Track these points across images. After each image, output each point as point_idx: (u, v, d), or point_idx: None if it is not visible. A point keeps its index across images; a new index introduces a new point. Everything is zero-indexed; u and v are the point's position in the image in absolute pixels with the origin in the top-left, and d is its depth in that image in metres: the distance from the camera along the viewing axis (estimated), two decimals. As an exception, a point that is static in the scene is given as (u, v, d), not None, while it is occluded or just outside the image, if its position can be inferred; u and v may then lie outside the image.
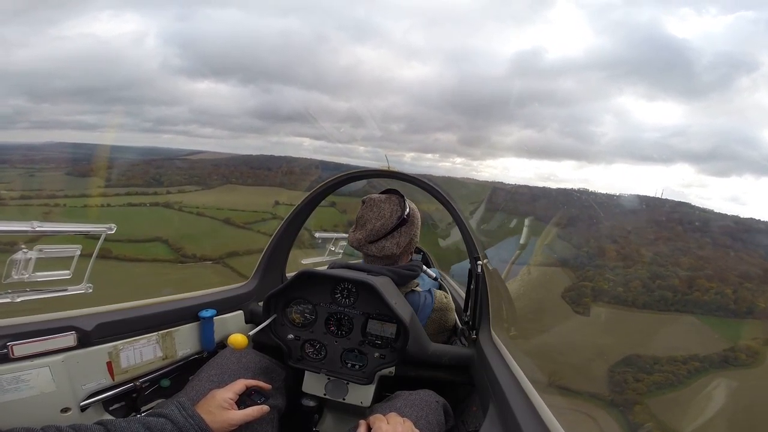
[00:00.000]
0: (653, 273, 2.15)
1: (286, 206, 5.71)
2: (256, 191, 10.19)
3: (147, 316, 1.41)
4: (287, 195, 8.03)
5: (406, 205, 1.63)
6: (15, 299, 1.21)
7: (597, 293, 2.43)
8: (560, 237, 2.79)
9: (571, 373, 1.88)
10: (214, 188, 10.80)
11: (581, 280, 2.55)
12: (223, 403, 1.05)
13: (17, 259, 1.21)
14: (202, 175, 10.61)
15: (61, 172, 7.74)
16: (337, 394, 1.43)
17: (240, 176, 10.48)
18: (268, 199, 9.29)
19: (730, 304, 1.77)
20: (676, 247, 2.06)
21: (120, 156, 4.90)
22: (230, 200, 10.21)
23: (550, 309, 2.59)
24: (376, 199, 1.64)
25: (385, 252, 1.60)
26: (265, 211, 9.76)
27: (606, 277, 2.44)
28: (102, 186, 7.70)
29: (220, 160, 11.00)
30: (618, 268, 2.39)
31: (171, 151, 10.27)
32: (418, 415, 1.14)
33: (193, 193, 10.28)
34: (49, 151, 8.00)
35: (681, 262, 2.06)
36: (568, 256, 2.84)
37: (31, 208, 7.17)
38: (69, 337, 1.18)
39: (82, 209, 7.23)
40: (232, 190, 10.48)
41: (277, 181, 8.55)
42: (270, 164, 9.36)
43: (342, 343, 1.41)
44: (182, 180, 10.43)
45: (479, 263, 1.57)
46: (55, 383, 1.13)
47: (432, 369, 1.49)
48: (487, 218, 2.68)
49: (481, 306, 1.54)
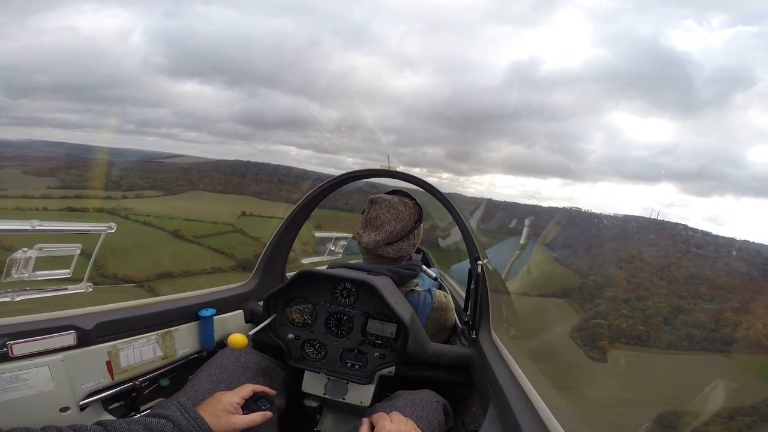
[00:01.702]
0: (674, 306, 1.83)
1: (254, 218, 5.54)
2: (223, 199, 9.14)
3: (146, 316, 1.41)
4: (259, 205, 7.21)
5: (420, 207, 1.66)
6: (15, 298, 1.21)
7: (615, 334, 2.00)
8: (558, 261, 2.50)
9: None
10: (178, 194, 9.51)
11: (593, 317, 2.13)
12: (229, 407, 1.05)
13: (17, 258, 1.21)
14: (169, 179, 9.34)
15: (18, 171, 6.92)
16: (336, 393, 1.43)
17: (210, 182, 9.26)
18: (235, 208, 8.39)
19: (763, 341, 1.54)
20: (690, 275, 1.81)
21: (90, 157, 4.35)
22: (190, 208, 9.12)
23: (557, 355, 2.12)
24: (390, 200, 1.61)
25: (402, 253, 1.61)
26: (226, 223, 8.75)
27: (622, 313, 2.02)
28: (53, 187, 6.97)
29: (193, 164, 9.75)
30: (632, 300, 2.04)
31: (150, 153, 9.08)
32: (419, 414, 1.14)
33: (152, 199, 9.04)
34: (26, 149, 7.21)
35: (701, 293, 1.76)
36: (573, 286, 2.41)
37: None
38: (68, 336, 1.17)
39: (13, 211, 6.25)
40: (196, 197, 9.29)
41: (250, 190, 7.95)
42: (245, 171, 8.46)
43: (342, 342, 1.40)
44: (144, 184, 9.07)
45: (479, 263, 1.57)
46: (55, 382, 1.13)
47: (432, 369, 1.49)
48: (486, 219, 2.55)
49: (481, 306, 1.54)
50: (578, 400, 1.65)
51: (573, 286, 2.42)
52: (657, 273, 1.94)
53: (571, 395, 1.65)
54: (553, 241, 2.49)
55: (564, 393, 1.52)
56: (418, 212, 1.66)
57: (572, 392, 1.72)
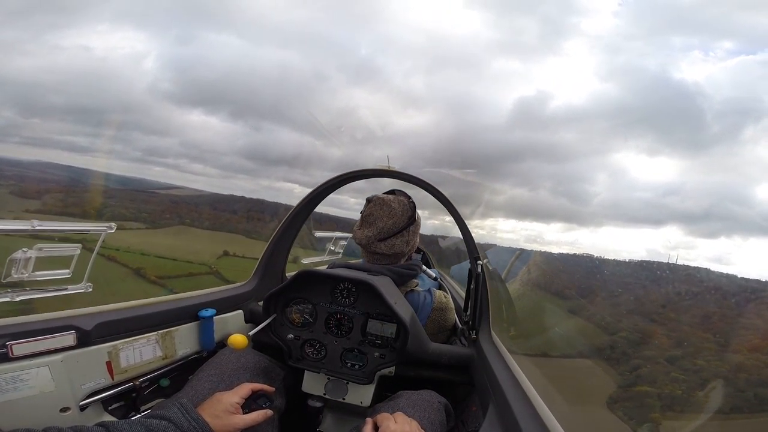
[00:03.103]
0: (731, 363, 1.52)
1: (237, 259, 5.34)
2: (209, 236, 8.34)
3: (146, 316, 1.41)
4: (245, 245, 6.59)
5: (415, 205, 1.67)
6: (14, 298, 1.21)
7: (666, 402, 1.62)
8: (573, 314, 2.11)
9: None
10: (162, 228, 8.62)
11: (635, 383, 1.74)
12: (230, 407, 1.05)
13: (17, 258, 1.21)
14: (155, 212, 8.55)
15: (7, 191, 6.51)
16: (336, 393, 1.43)
17: (198, 217, 8.44)
18: (218, 247, 7.62)
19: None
20: (738, 325, 1.53)
21: (87, 182, 3.87)
22: (170, 244, 8.22)
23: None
24: (385, 198, 1.65)
25: (395, 250, 1.61)
26: (203, 263, 7.78)
27: (672, 377, 1.63)
28: (31, 210, 6.42)
29: (185, 197, 8.95)
30: (678, 359, 1.67)
31: (150, 183, 8.32)
32: (421, 415, 1.15)
33: (131, 232, 8.19)
34: (30, 169, 6.65)
35: (757, 345, 1.47)
36: (602, 344, 1.99)
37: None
38: (68, 336, 1.17)
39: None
40: (181, 232, 8.44)
41: (239, 228, 7.37)
42: (237, 207, 7.78)
43: (342, 342, 1.40)
44: (128, 215, 8.31)
45: (479, 263, 1.57)
46: (55, 383, 1.13)
47: (432, 369, 1.49)
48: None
49: (481, 306, 1.55)
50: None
51: (601, 344, 1.96)
52: (698, 325, 1.63)
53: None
54: (565, 291, 2.18)
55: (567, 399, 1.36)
56: (412, 209, 1.66)
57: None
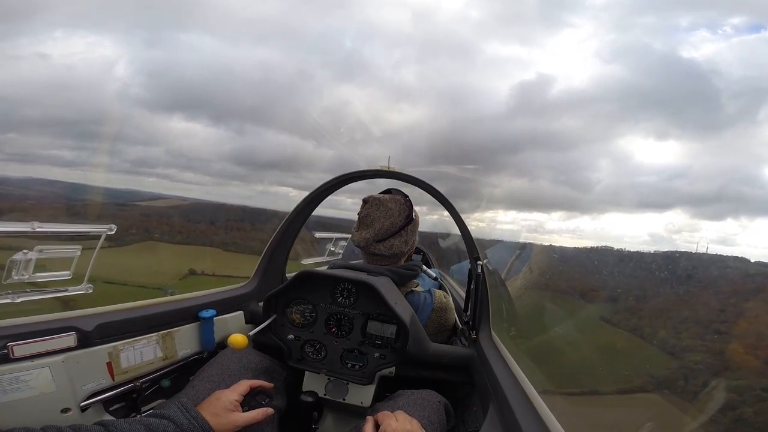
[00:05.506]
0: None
1: (205, 278, 4.98)
2: (178, 252, 7.32)
3: (147, 317, 1.41)
4: (220, 260, 5.97)
5: (412, 204, 1.66)
6: (15, 300, 1.21)
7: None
8: (609, 322, 1.67)
9: None
10: (126, 246, 7.09)
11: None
12: (228, 405, 1.05)
13: (17, 260, 1.21)
14: (125, 226, 6.78)
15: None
16: (337, 394, 1.43)
17: (170, 230, 7.42)
18: (183, 265, 6.59)
19: None
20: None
21: (69, 197, 3.48)
22: (129, 265, 6.45)
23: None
24: (381, 199, 1.64)
25: (394, 250, 1.61)
26: (157, 288, 7.14)
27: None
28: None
29: (159, 208, 7.67)
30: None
31: (136, 194, 7.68)
32: (422, 414, 1.15)
33: (91, 251, 6.72)
34: (17, 187, 6.56)
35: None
36: (667, 373, 1.37)
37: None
38: (69, 337, 1.18)
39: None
40: (146, 249, 7.27)
41: (216, 240, 6.63)
42: (216, 216, 6.94)
43: (342, 343, 1.41)
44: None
45: (479, 263, 1.57)
46: (55, 383, 1.13)
47: (432, 369, 1.49)
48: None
49: (481, 306, 1.55)
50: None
51: (668, 373, 1.38)
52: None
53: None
54: (591, 293, 1.83)
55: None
56: (409, 208, 1.65)
57: None
